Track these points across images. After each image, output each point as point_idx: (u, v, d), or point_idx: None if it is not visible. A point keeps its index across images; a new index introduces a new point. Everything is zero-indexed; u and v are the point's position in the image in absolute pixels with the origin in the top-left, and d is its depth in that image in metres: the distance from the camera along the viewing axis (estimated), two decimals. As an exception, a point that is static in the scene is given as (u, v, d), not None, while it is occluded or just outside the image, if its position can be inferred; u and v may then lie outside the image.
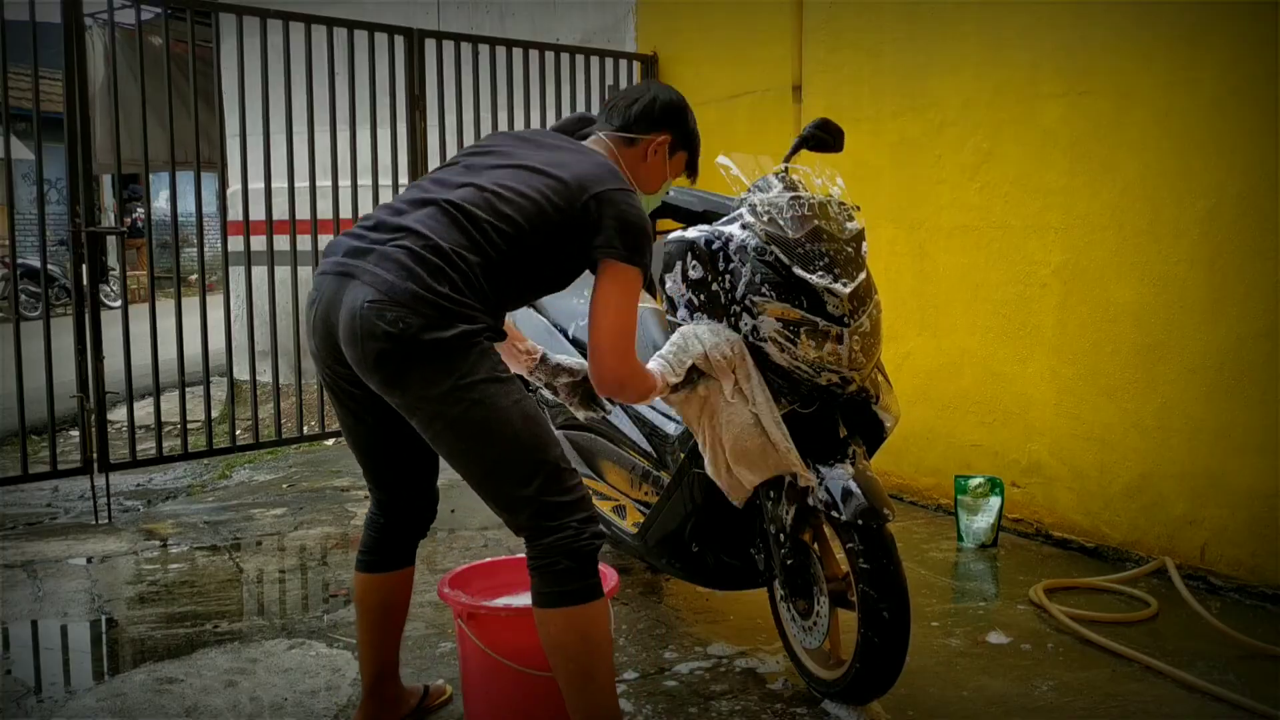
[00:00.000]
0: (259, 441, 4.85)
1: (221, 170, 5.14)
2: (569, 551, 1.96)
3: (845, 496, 2.27)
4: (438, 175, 2.16)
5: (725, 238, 2.39)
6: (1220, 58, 3.19)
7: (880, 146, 4.31)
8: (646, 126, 2.29)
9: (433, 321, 1.90)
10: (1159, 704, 2.52)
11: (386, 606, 2.29)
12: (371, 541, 2.30)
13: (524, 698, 2.22)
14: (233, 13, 4.54)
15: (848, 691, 2.38)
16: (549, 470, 1.98)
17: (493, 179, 2.07)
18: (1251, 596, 3.17)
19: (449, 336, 1.90)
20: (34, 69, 3.97)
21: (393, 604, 2.31)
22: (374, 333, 1.90)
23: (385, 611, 2.29)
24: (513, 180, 2.07)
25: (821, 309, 2.29)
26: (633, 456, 2.96)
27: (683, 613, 3.12)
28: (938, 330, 4.15)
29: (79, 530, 4.06)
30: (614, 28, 5.91)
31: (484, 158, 2.16)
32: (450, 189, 2.06)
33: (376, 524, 2.29)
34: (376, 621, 2.30)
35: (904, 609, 2.27)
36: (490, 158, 2.15)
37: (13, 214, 4.77)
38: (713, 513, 2.55)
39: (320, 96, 4.72)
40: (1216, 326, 3.24)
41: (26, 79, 4.36)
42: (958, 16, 3.97)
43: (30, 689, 2.65)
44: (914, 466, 4.27)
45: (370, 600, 2.29)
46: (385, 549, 2.29)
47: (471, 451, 1.97)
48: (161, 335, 4.27)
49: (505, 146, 2.19)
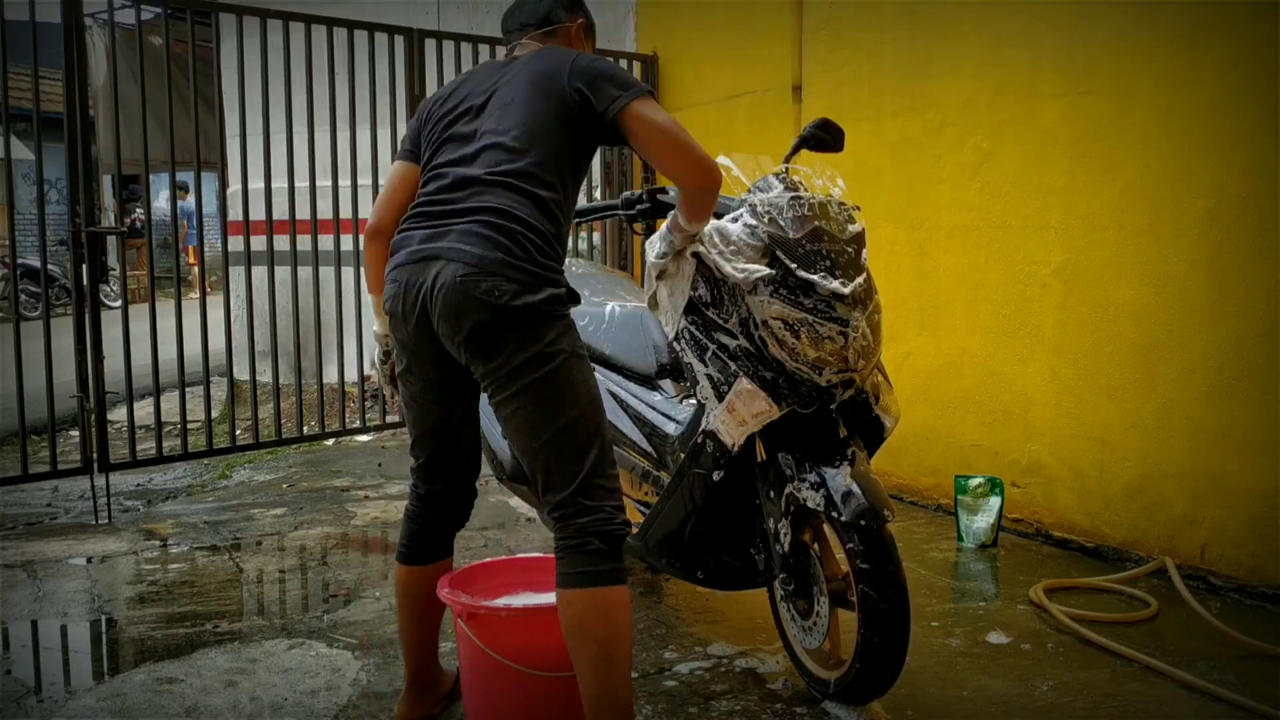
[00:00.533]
0: (259, 441, 4.86)
1: (221, 170, 5.14)
2: (602, 533, 2.04)
3: (845, 497, 2.26)
4: (451, 156, 2.21)
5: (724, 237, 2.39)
6: (1220, 58, 3.19)
7: (880, 146, 4.31)
8: (564, 15, 2.39)
9: (525, 286, 2.03)
10: (1159, 704, 2.52)
11: (429, 598, 2.34)
12: (414, 535, 2.36)
13: (524, 698, 2.22)
14: (233, 13, 4.54)
15: (848, 691, 2.38)
16: (601, 452, 2.09)
17: (502, 129, 2.16)
18: (1251, 596, 3.17)
19: (538, 300, 2.04)
20: (34, 69, 3.97)
21: (434, 595, 2.36)
22: (472, 304, 2.01)
23: (428, 602, 2.35)
24: (515, 118, 2.16)
25: (821, 309, 2.29)
26: (633, 456, 2.96)
27: (683, 613, 3.12)
28: (938, 330, 4.15)
29: (79, 530, 4.06)
30: (614, 28, 5.91)
31: (472, 119, 2.23)
32: (477, 164, 2.15)
33: (421, 518, 2.35)
34: (421, 611, 2.36)
35: (904, 609, 2.27)
36: (479, 117, 2.22)
37: (13, 214, 4.77)
38: (713, 513, 2.55)
39: (320, 96, 4.72)
40: (1216, 326, 3.24)
41: (26, 79, 4.36)
42: (958, 16, 3.97)
43: (30, 689, 2.65)
44: (914, 466, 4.27)
45: (414, 591, 2.35)
46: (428, 542, 2.36)
47: (540, 418, 2.06)
48: (161, 335, 4.27)
49: (477, 97, 2.26)
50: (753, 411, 2.34)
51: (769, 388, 2.33)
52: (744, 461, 2.45)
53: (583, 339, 3.18)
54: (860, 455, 2.40)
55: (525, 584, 2.44)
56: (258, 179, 4.74)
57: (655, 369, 2.99)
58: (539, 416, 2.06)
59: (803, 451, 2.37)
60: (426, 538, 2.35)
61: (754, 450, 2.46)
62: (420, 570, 2.35)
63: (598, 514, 2.05)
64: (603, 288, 3.41)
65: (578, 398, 2.07)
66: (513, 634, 2.20)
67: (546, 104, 2.15)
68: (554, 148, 2.15)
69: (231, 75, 4.79)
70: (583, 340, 2.09)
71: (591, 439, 2.08)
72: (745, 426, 2.36)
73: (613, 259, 5.82)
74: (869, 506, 2.25)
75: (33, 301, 12.38)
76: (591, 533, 2.04)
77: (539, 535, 3.87)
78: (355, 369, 5.26)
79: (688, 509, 2.56)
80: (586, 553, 2.03)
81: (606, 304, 3.26)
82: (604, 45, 5.79)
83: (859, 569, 2.27)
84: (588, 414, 2.08)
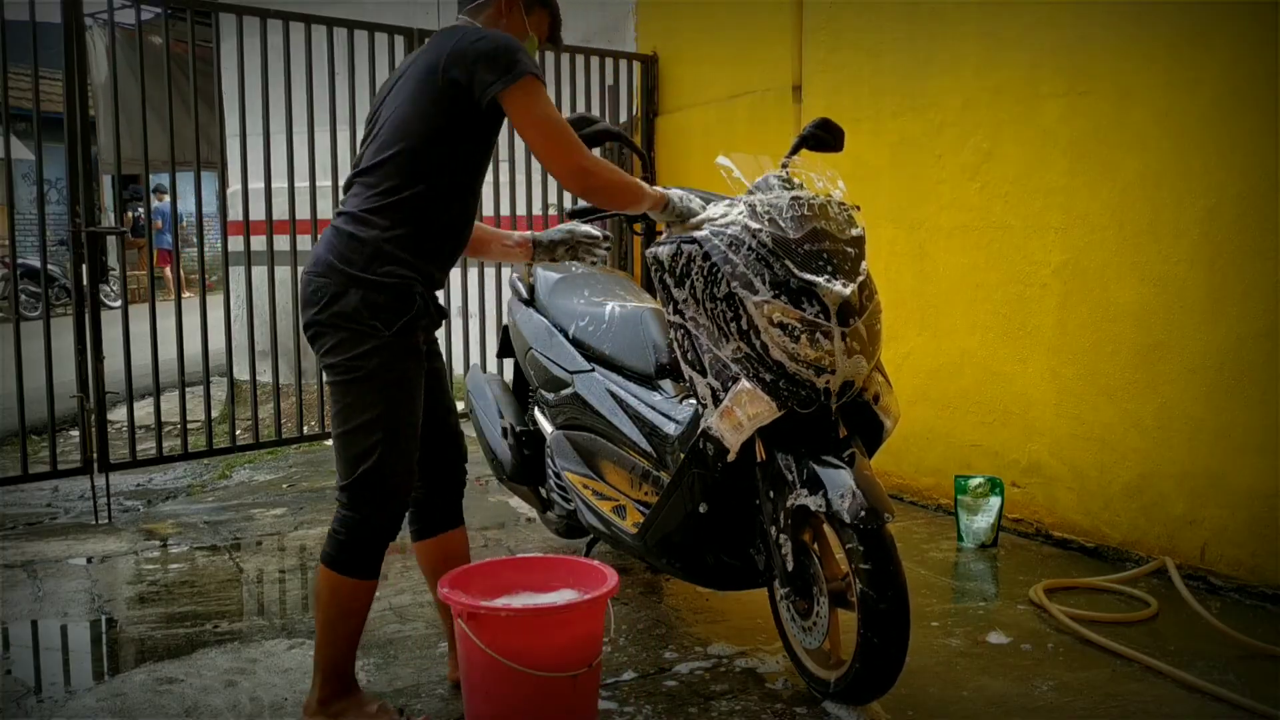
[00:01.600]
0: (259, 441, 4.86)
1: (222, 170, 5.14)
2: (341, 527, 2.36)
3: (845, 498, 2.26)
4: (359, 154, 2.37)
5: (725, 239, 2.40)
6: (1220, 58, 3.19)
7: (880, 146, 4.31)
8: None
9: (340, 290, 2.27)
10: (1159, 704, 2.52)
11: (450, 565, 2.46)
12: (413, 512, 2.52)
13: (524, 698, 2.22)
14: (233, 13, 4.54)
15: (848, 691, 2.38)
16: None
17: (382, 124, 2.28)
18: (1251, 596, 3.17)
19: (350, 307, 2.29)
20: (34, 69, 3.97)
21: (455, 562, 2.50)
22: (303, 303, 2.30)
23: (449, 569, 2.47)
24: (388, 113, 2.27)
25: (822, 310, 2.29)
26: (633, 457, 2.96)
27: (683, 613, 3.12)
28: (938, 330, 4.15)
29: (79, 530, 4.06)
30: (614, 28, 5.91)
31: (377, 110, 2.36)
32: (360, 164, 2.32)
33: (415, 499, 2.48)
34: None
35: (904, 609, 2.27)
36: (380, 108, 2.35)
37: (13, 214, 4.77)
38: (713, 513, 2.55)
39: (320, 96, 4.72)
40: (1216, 326, 3.24)
41: (26, 79, 4.36)
42: (958, 16, 3.97)
43: (30, 689, 2.65)
44: (914, 466, 4.27)
45: (431, 564, 2.54)
46: (429, 514, 2.53)
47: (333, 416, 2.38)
48: (161, 335, 4.27)
49: (388, 88, 2.37)
50: (752, 412, 2.34)
51: (769, 389, 2.33)
52: (744, 462, 2.45)
53: (583, 339, 3.22)
54: (860, 456, 2.40)
55: (525, 584, 2.44)
56: (258, 179, 4.74)
57: (655, 369, 2.99)
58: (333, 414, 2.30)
59: (802, 452, 2.37)
60: (427, 511, 2.53)
61: (753, 451, 2.46)
62: (433, 541, 2.55)
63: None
64: (602, 288, 3.41)
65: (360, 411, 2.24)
66: (513, 634, 2.20)
67: (421, 96, 2.20)
68: (422, 140, 2.19)
69: (231, 75, 4.79)
70: (583, 340, 2.12)
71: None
72: (743, 428, 2.36)
73: (613, 259, 5.82)
74: (869, 507, 2.25)
75: (33, 301, 12.38)
76: (335, 523, 2.30)
77: (539, 535, 3.87)
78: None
79: (687, 509, 2.56)
80: (329, 537, 2.31)
81: (606, 304, 3.26)
82: (604, 45, 5.80)
83: (859, 569, 2.26)
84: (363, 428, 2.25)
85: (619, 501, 3.02)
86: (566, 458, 3.23)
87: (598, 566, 2.38)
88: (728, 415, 2.37)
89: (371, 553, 2.30)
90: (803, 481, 2.34)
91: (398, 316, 2.20)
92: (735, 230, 2.39)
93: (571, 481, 3.15)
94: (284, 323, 5.31)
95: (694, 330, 2.45)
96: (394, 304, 2.20)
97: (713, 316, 2.40)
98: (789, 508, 2.38)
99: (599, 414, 3.08)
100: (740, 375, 2.36)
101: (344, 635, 2.33)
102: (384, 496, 2.28)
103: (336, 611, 2.31)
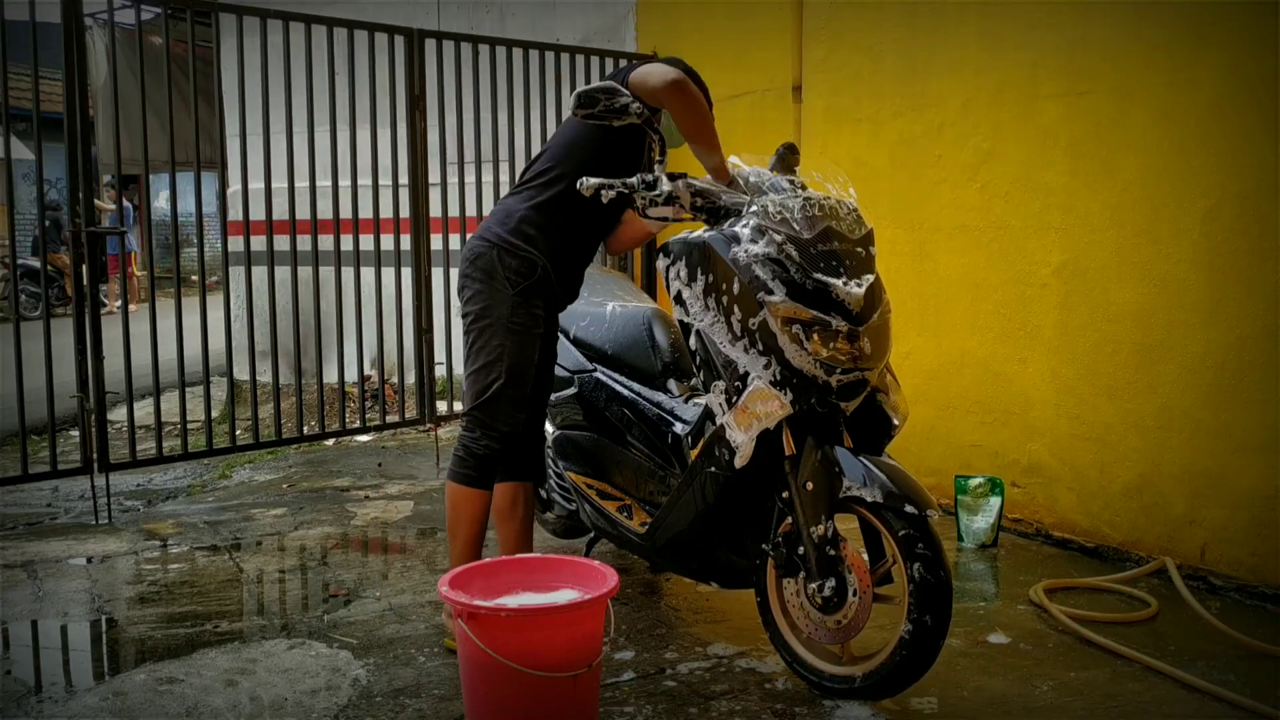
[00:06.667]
0: (259, 441, 4.85)
1: (222, 170, 5.14)
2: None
3: (899, 487, 2.32)
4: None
5: (735, 239, 2.41)
6: (1220, 58, 3.19)
7: (880, 146, 4.31)
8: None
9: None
10: (1159, 704, 2.52)
11: (517, 512, 2.95)
12: (486, 465, 2.85)
13: (524, 698, 2.22)
14: (233, 13, 4.54)
15: (881, 684, 2.38)
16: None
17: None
18: (1251, 596, 3.17)
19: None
20: (34, 69, 3.97)
21: (520, 509, 2.96)
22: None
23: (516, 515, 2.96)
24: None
25: (835, 309, 2.31)
26: (639, 456, 2.97)
27: (683, 613, 3.12)
28: (938, 330, 4.15)
29: (79, 530, 4.06)
30: (614, 28, 5.91)
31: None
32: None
33: (502, 455, 2.85)
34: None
35: (950, 588, 2.31)
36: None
37: (13, 214, 4.77)
38: (725, 511, 2.55)
39: (320, 96, 4.72)
40: (1216, 326, 3.24)
41: (26, 79, 4.36)
42: (958, 16, 3.97)
43: (30, 689, 2.65)
44: (914, 466, 4.23)
45: (498, 506, 2.93)
46: (514, 458, 2.90)
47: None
48: (161, 335, 4.27)
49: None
50: (766, 410, 2.35)
51: (782, 387, 2.34)
52: (757, 459, 2.44)
53: (585, 339, 3.22)
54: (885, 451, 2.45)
55: (525, 584, 2.44)
56: (258, 179, 4.74)
57: (659, 368, 3.00)
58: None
59: (834, 445, 2.40)
60: (510, 461, 2.92)
61: (766, 448, 2.45)
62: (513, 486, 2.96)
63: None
64: (603, 288, 3.42)
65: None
66: (513, 634, 2.20)
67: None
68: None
69: (231, 75, 4.79)
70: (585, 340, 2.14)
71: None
72: (753, 427, 2.37)
73: (613, 260, 5.81)
74: (918, 494, 2.32)
75: (33, 301, 12.39)
76: (458, 444, 2.84)
77: (539, 535, 3.86)
78: (355, 369, 5.26)
79: (699, 507, 2.57)
80: (453, 456, 2.85)
81: (607, 304, 3.27)
82: (604, 45, 5.81)
83: (916, 553, 2.29)
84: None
85: (624, 501, 3.02)
86: (569, 458, 3.23)
87: (598, 566, 2.38)
88: (742, 413, 2.38)
89: (485, 467, 2.80)
90: (847, 474, 2.36)
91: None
92: (748, 230, 2.41)
93: (575, 482, 3.15)
94: (284, 323, 5.30)
95: (706, 330, 2.46)
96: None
97: (725, 316, 2.41)
98: (841, 499, 2.38)
99: (603, 414, 3.08)
100: (753, 374, 2.37)
101: (465, 539, 2.82)
102: (495, 421, 2.77)
103: (457, 516, 2.82)
